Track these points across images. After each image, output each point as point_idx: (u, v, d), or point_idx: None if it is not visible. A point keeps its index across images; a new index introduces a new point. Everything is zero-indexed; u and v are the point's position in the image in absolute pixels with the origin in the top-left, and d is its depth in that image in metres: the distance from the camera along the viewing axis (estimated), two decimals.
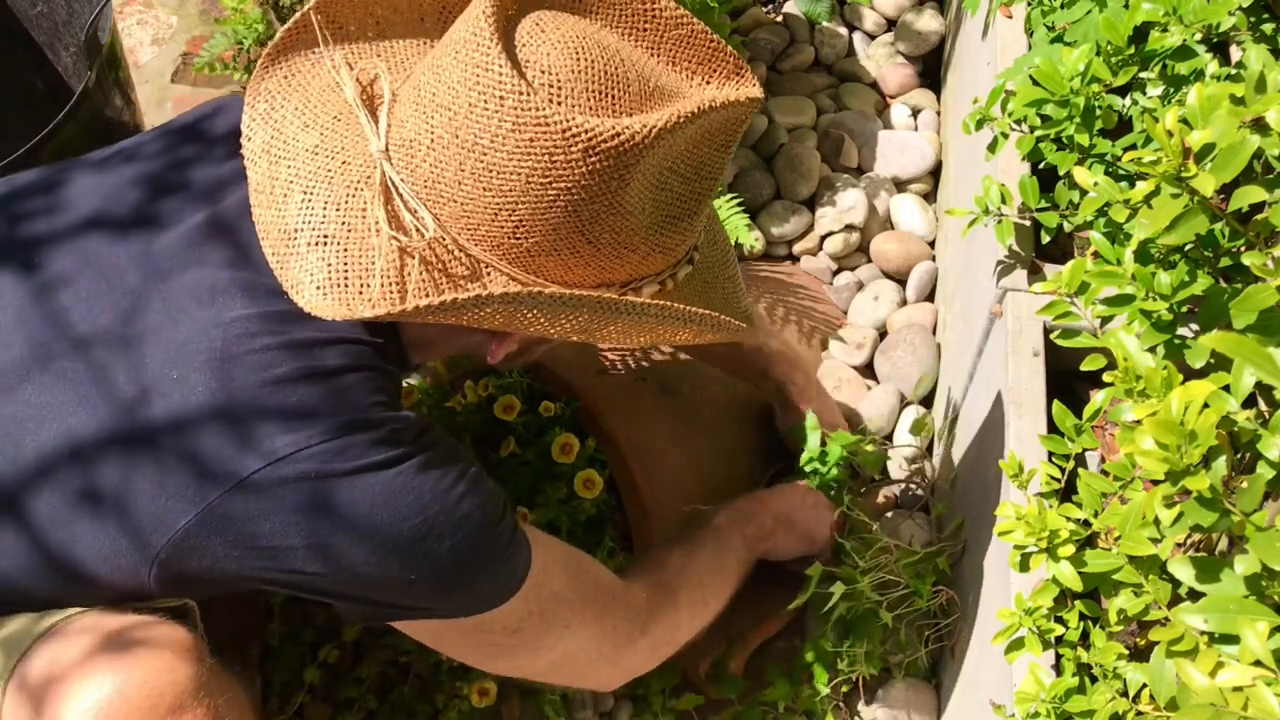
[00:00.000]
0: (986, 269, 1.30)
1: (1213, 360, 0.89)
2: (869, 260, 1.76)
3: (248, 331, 0.91)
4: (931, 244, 1.74)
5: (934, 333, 1.64)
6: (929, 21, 1.92)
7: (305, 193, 0.91)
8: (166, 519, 0.89)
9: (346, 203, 0.91)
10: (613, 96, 0.91)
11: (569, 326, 0.92)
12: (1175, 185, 0.86)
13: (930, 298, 1.70)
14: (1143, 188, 0.92)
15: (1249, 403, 0.86)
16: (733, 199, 1.55)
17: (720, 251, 1.10)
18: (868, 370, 1.64)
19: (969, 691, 1.24)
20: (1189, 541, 0.94)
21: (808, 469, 1.43)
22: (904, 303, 1.69)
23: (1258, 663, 0.72)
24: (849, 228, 1.73)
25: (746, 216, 1.61)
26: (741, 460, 1.51)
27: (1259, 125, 0.87)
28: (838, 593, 1.31)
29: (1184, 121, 0.88)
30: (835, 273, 1.75)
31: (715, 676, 1.41)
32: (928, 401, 1.59)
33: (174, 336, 0.92)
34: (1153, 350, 0.93)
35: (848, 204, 1.74)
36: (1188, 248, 0.96)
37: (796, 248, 1.76)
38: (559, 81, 0.90)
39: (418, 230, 0.90)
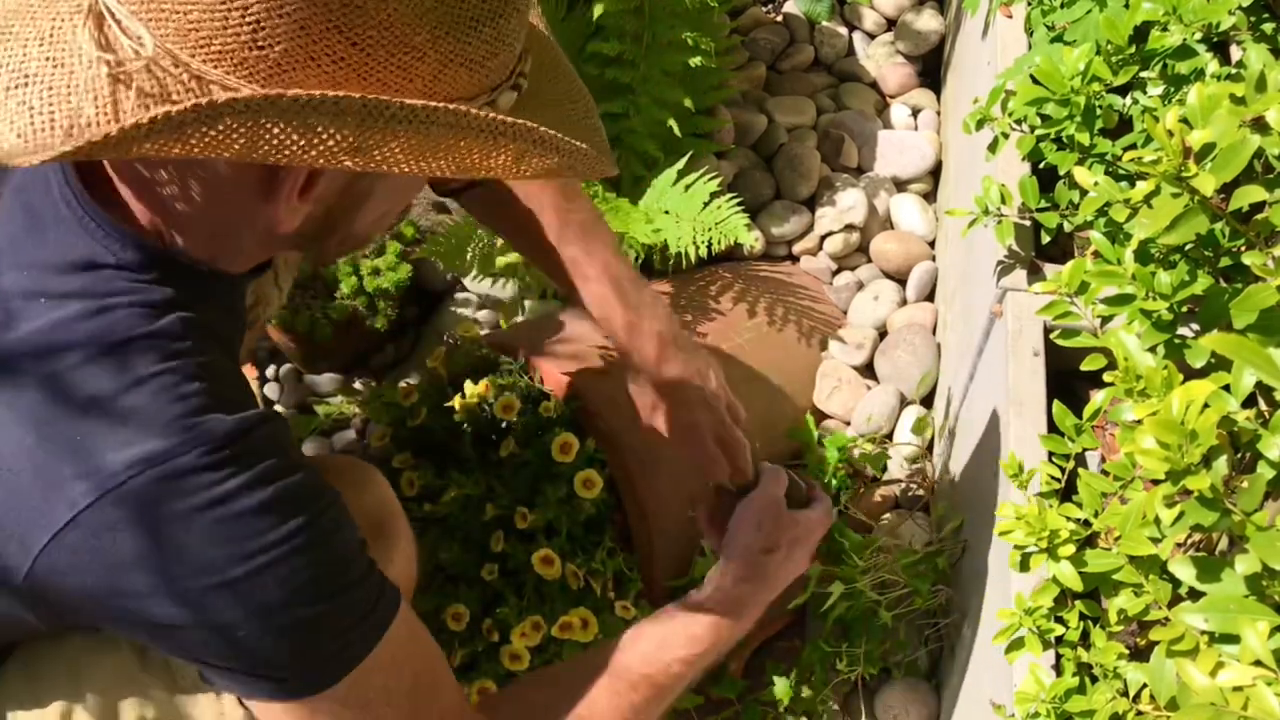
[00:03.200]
0: (986, 269, 1.30)
1: (1213, 360, 0.89)
2: (869, 260, 1.76)
3: None
4: (931, 244, 1.74)
5: (934, 333, 1.64)
6: (929, 21, 1.92)
7: (2, 32, 0.77)
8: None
9: (52, 36, 0.77)
10: None
11: (333, 144, 0.74)
12: (1175, 185, 0.86)
13: (930, 298, 1.70)
14: (1143, 187, 0.92)
15: (1249, 402, 0.86)
16: (732, 199, 1.55)
17: (566, 85, 0.90)
18: (868, 370, 1.64)
19: (969, 691, 1.23)
20: (1189, 541, 0.94)
21: None
22: (904, 303, 1.69)
23: (1258, 662, 0.72)
24: (849, 228, 1.73)
25: (746, 216, 1.61)
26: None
27: (1259, 125, 0.87)
28: (837, 592, 1.31)
29: (1184, 121, 0.88)
30: (835, 273, 1.75)
31: (715, 677, 1.41)
32: (928, 401, 1.59)
33: None
34: (1153, 350, 0.93)
35: (848, 204, 1.74)
36: (1188, 247, 0.96)
37: (796, 248, 1.76)
38: None
39: (134, 51, 0.74)
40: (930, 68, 1.95)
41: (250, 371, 1.82)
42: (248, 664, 0.82)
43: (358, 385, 1.78)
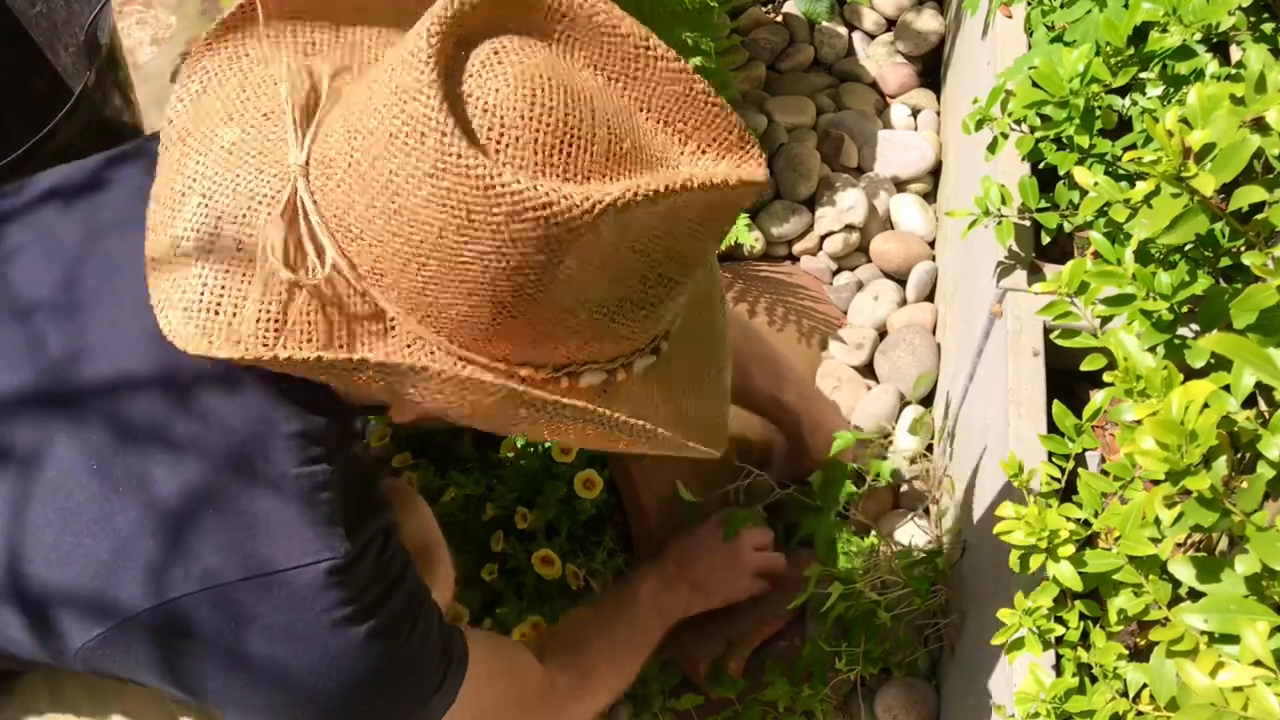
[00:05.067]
0: (986, 269, 1.30)
1: (1213, 360, 0.89)
2: (869, 260, 1.76)
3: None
4: (931, 244, 1.74)
5: (934, 333, 1.64)
6: (929, 21, 1.92)
7: (204, 196, 0.80)
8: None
9: (245, 216, 0.79)
10: (567, 153, 0.75)
11: (459, 407, 0.79)
12: (1175, 185, 0.86)
13: (930, 298, 1.70)
14: (1143, 188, 0.91)
15: (1249, 402, 0.86)
16: None
17: (707, 351, 0.94)
18: (868, 370, 1.64)
19: (969, 691, 1.23)
20: (1189, 541, 0.94)
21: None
22: (904, 303, 1.69)
23: (1258, 663, 0.72)
24: (849, 228, 1.73)
25: (746, 216, 1.61)
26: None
27: (1259, 125, 0.87)
28: (836, 593, 1.31)
29: (1184, 121, 0.88)
30: (835, 273, 1.75)
31: (715, 677, 1.41)
32: (928, 401, 1.59)
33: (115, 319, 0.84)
34: (1153, 350, 0.93)
35: (847, 204, 1.74)
36: (1188, 247, 0.96)
37: (796, 248, 1.76)
38: (501, 125, 0.74)
39: (316, 263, 0.77)
40: (930, 68, 1.95)
41: None
42: None
43: None
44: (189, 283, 0.78)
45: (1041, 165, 1.25)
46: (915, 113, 1.88)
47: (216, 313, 0.77)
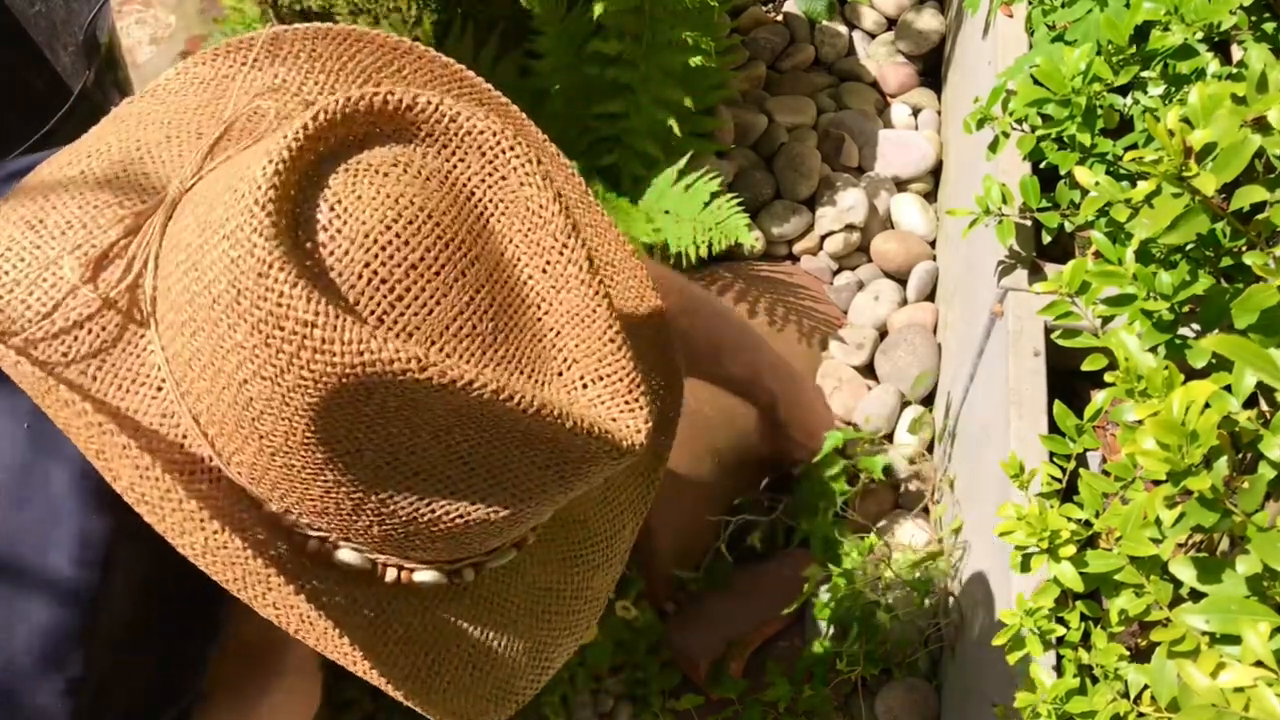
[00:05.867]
0: (987, 269, 1.30)
1: (1214, 360, 0.89)
2: (869, 260, 1.75)
3: None
4: (932, 244, 1.74)
5: (934, 333, 1.64)
6: (929, 20, 1.92)
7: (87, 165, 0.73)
8: None
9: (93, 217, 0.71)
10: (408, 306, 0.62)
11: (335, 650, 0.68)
12: (1176, 185, 0.86)
13: (931, 297, 1.70)
14: (1144, 187, 0.91)
15: (1250, 403, 0.86)
16: (733, 198, 1.55)
17: (568, 578, 0.80)
18: (868, 370, 1.64)
19: (969, 691, 1.23)
20: (1190, 542, 0.94)
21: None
22: (904, 302, 1.69)
23: (1259, 663, 0.72)
24: (849, 227, 1.73)
25: (747, 216, 1.61)
26: (743, 461, 1.51)
27: (1260, 124, 0.86)
28: (836, 593, 1.31)
29: (1185, 121, 0.87)
30: (835, 272, 1.75)
31: (715, 677, 1.41)
32: (928, 401, 1.59)
33: None
34: (1154, 350, 0.93)
35: (848, 203, 1.73)
36: (1189, 247, 0.96)
37: (796, 247, 1.76)
38: (334, 265, 0.62)
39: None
40: (931, 67, 1.95)
41: None
42: None
43: None
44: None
45: (1042, 164, 1.25)
46: (916, 112, 1.88)
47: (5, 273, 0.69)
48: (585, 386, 0.68)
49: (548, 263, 0.67)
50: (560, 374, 0.68)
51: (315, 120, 0.64)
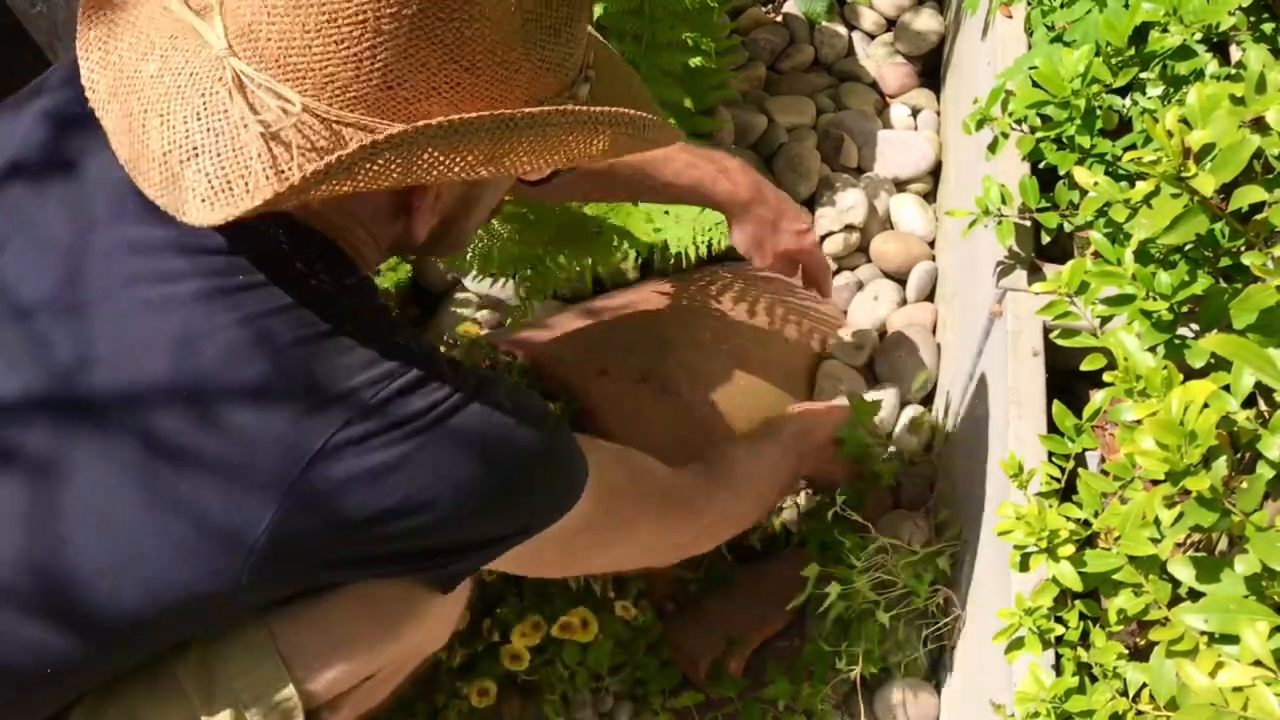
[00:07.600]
0: (986, 269, 1.30)
1: (1213, 360, 0.89)
2: (869, 260, 1.76)
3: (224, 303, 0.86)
4: (931, 244, 1.74)
5: (934, 333, 1.64)
6: (928, 21, 1.92)
7: (161, 115, 0.85)
8: (245, 513, 0.85)
9: (205, 109, 0.84)
10: None
11: (473, 159, 0.84)
12: (1175, 185, 0.86)
13: (930, 298, 1.70)
14: (1143, 188, 0.92)
15: (1249, 403, 0.86)
16: None
17: (617, 67, 1.02)
18: (868, 370, 1.64)
19: (969, 691, 1.24)
20: (1189, 541, 0.94)
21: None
22: (904, 303, 1.69)
23: (1258, 663, 0.72)
24: (849, 228, 1.73)
25: None
26: None
27: (1259, 125, 0.87)
28: (835, 592, 1.31)
29: (1184, 121, 0.88)
30: (835, 273, 1.75)
31: (715, 676, 1.41)
32: (927, 401, 1.59)
33: (127, 319, 0.87)
34: (1153, 350, 0.93)
35: (847, 204, 1.74)
36: (1188, 247, 0.96)
37: None
38: None
39: (283, 110, 0.82)
40: (930, 68, 1.95)
41: None
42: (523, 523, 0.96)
43: None
44: (192, 180, 0.82)
45: (1042, 165, 1.25)
46: (915, 113, 1.88)
47: (230, 190, 0.82)
48: None
49: None
50: None
51: None
